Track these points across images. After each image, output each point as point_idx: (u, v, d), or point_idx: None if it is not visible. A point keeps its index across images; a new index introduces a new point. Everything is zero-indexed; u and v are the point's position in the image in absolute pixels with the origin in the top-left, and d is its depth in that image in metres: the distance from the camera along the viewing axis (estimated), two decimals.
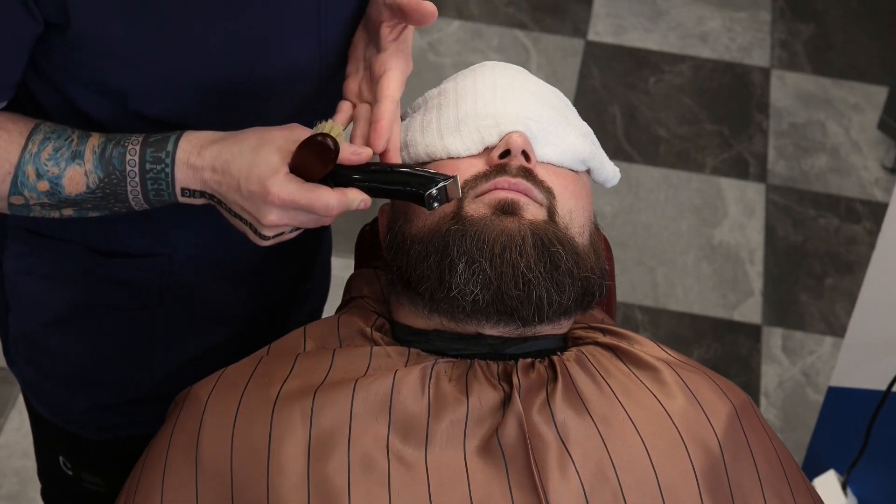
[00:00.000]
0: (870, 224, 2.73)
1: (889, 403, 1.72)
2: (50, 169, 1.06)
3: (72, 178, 1.06)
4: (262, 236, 1.07)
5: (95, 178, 1.06)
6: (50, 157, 1.06)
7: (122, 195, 1.08)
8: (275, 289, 1.37)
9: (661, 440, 1.07)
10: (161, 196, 1.08)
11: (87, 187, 1.07)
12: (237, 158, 1.05)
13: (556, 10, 3.18)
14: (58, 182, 1.06)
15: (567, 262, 1.10)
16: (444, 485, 1.03)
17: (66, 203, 1.08)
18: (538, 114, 1.19)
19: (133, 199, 1.08)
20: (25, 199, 1.07)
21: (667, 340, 2.46)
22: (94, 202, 1.08)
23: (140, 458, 1.14)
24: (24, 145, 1.06)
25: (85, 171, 1.06)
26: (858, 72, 3.09)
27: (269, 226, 1.05)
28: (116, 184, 1.07)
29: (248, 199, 1.05)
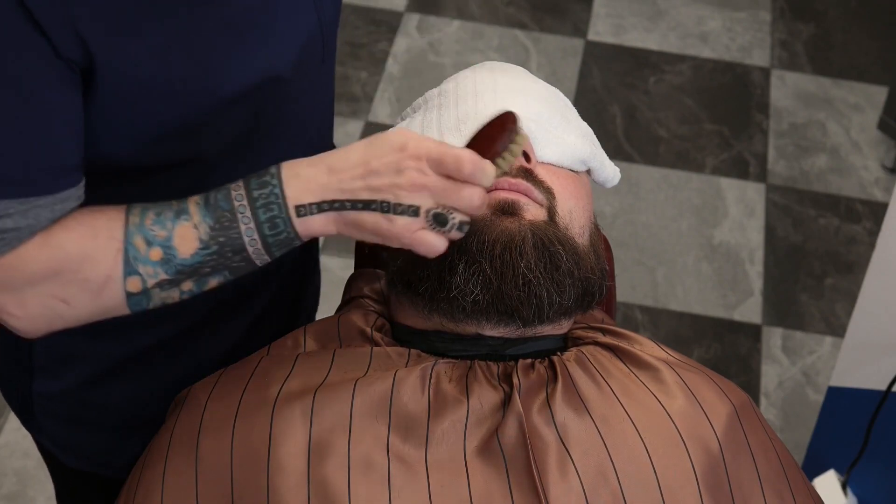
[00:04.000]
0: (870, 224, 2.73)
1: (889, 403, 1.72)
2: (157, 233, 0.99)
3: (182, 235, 0.99)
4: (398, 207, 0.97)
5: (206, 228, 0.99)
6: (154, 221, 1.00)
7: (237, 241, 1.00)
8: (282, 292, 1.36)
9: (661, 440, 1.07)
10: (276, 227, 0.99)
11: (200, 241, 0.99)
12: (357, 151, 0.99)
13: (556, 10, 3.18)
14: (169, 244, 0.99)
15: (567, 263, 1.10)
16: (444, 485, 1.03)
17: (183, 272, 1.01)
18: (538, 114, 1.19)
19: (249, 242, 1.00)
20: (142, 278, 1.00)
21: (667, 340, 2.46)
22: (211, 261, 1.00)
23: (140, 458, 1.14)
24: (125, 220, 1.00)
25: (193, 223, 0.99)
26: (858, 72, 3.09)
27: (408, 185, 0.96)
28: (228, 227, 0.99)
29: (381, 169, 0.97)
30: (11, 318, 1.01)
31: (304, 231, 1.00)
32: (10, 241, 0.97)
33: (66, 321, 1.03)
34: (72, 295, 1.00)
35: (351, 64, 2.99)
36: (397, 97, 2.92)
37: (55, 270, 0.99)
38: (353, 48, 3.03)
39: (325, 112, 1.24)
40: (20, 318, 1.01)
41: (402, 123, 1.24)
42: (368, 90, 2.94)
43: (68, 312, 1.01)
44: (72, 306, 1.01)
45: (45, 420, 1.30)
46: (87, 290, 1.00)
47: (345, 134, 2.83)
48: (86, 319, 1.03)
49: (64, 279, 0.99)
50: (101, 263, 0.99)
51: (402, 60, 3.02)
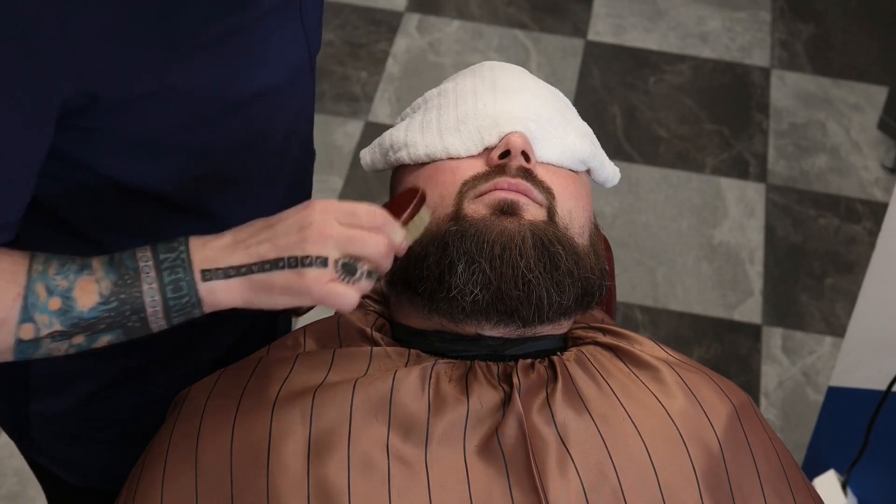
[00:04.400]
0: (870, 224, 2.73)
1: (889, 403, 1.72)
2: (59, 283, 0.97)
3: (83, 288, 0.97)
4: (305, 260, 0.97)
5: (108, 284, 0.98)
6: (57, 271, 0.97)
7: (137, 300, 0.98)
8: None
9: (661, 440, 1.07)
10: (179, 290, 0.98)
11: (101, 296, 0.97)
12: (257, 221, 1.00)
13: (556, 10, 3.18)
14: (69, 295, 0.97)
15: (567, 263, 1.10)
16: (444, 485, 1.03)
17: (78, 326, 0.98)
18: (538, 114, 1.19)
19: (150, 304, 0.98)
20: (36, 326, 0.97)
21: (667, 340, 2.46)
22: (108, 318, 0.98)
23: (140, 457, 1.14)
24: (29, 265, 0.97)
25: (96, 278, 0.98)
26: (858, 72, 3.09)
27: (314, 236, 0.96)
28: (130, 284, 0.98)
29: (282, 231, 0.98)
30: None
31: (208, 297, 0.98)
32: None
33: None
34: None
35: (351, 64, 2.99)
36: (397, 97, 2.92)
37: None
38: (353, 48, 3.03)
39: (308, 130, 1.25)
40: None
41: (403, 123, 1.24)
42: (368, 90, 2.94)
43: None
44: None
45: (44, 439, 1.29)
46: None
47: (345, 134, 2.83)
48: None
49: None
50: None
51: (402, 60, 3.02)
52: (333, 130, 2.84)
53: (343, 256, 0.97)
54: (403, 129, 1.22)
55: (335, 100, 2.91)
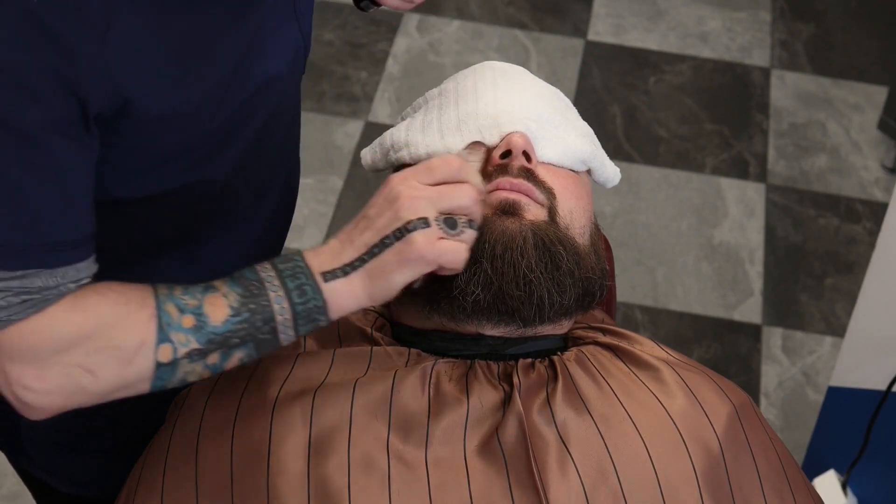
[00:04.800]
0: (870, 224, 2.73)
1: (889, 403, 1.72)
2: (188, 301, 0.98)
3: (212, 303, 0.98)
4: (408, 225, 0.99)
5: (235, 296, 0.99)
6: (183, 292, 0.99)
7: (267, 309, 0.99)
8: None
9: (662, 440, 1.07)
10: (305, 294, 1.00)
11: (231, 308, 0.98)
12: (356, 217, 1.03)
13: (556, 10, 3.18)
14: (200, 312, 0.98)
15: (568, 263, 1.10)
16: (445, 484, 1.03)
17: (213, 342, 0.98)
18: (539, 114, 1.19)
19: (279, 311, 0.99)
20: (174, 346, 0.97)
21: (667, 340, 2.46)
22: (241, 330, 0.99)
23: (140, 458, 1.14)
24: (153, 290, 0.98)
25: (222, 293, 0.99)
26: (858, 72, 3.09)
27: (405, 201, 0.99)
28: (258, 294, 0.99)
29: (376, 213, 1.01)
30: (27, 392, 0.96)
31: (331, 298, 1.00)
32: (37, 302, 0.94)
33: (85, 396, 0.98)
34: (99, 364, 0.96)
35: (351, 64, 2.99)
36: (397, 97, 2.92)
37: (86, 335, 0.95)
38: (353, 48, 3.03)
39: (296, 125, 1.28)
40: (37, 392, 0.96)
41: (403, 123, 1.24)
42: (368, 90, 2.94)
43: (91, 385, 0.97)
44: (97, 377, 0.97)
45: (36, 450, 1.28)
46: (116, 359, 0.96)
47: (344, 134, 2.83)
48: (104, 395, 0.99)
49: (94, 345, 0.95)
50: (133, 329, 0.96)
51: (402, 60, 3.02)
52: (333, 130, 2.84)
53: (440, 214, 1.01)
54: (404, 129, 1.22)
55: (335, 100, 2.91)
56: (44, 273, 0.93)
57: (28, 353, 0.95)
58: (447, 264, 1.01)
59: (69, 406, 0.98)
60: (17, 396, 0.97)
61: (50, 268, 0.93)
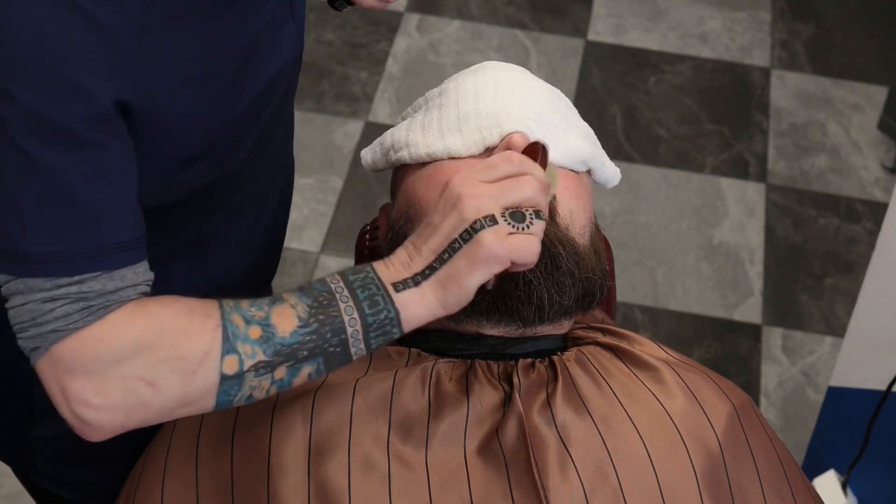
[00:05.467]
0: (870, 224, 2.73)
1: (889, 403, 1.72)
2: (255, 313, 0.95)
3: (280, 314, 0.96)
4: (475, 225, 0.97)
5: (304, 307, 0.96)
6: (250, 304, 0.96)
7: (337, 320, 0.97)
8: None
9: (662, 440, 1.07)
10: (377, 305, 0.97)
11: (300, 319, 0.96)
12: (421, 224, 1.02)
13: (556, 10, 3.18)
14: (268, 323, 0.95)
15: (568, 263, 1.10)
16: (445, 485, 1.03)
17: (280, 353, 0.95)
18: (539, 114, 1.19)
19: (349, 322, 0.97)
20: (240, 357, 0.94)
21: (667, 340, 2.46)
22: (310, 342, 0.96)
23: (140, 458, 1.14)
24: (219, 303, 0.96)
25: (290, 304, 0.96)
26: (858, 72, 3.09)
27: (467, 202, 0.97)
28: (328, 305, 0.96)
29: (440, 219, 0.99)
30: (86, 409, 0.92)
31: (403, 309, 0.98)
32: (97, 309, 0.91)
33: (147, 412, 0.94)
34: (162, 376, 0.93)
35: (351, 64, 2.99)
36: (397, 97, 2.92)
37: (148, 344, 0.92)
38: (353, 48, 3.03)
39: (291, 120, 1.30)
40: (97, 408, 0.92)
41: (403, 123, 1.24)
42: (368, 90, 2.94)
43: (153, 399, 0.93)
44: (159, 390, 0.93)
45: (47, 462, 1.27)
46: (179, 371, 0.93)
47: (344, 134, 2.83)
48: (167, 411, 0.95)
49: (157, 356, 0.92)
50: (198, 339, 0.93)
51: (402, 60, 3.02)
52: (333, 130, 2.84)
53: (505, 209, 0.98)
54: (404, 129, 1.22)
55: (335, 100, 2.91)
56: (102, 276, 0.91)
57: (88, 366, 0.91)
58: (519, 259, 0.98)
59: (130, 424, 0.95)
60: (77, 414, 0.93)
61: (108, 270, 0.91)
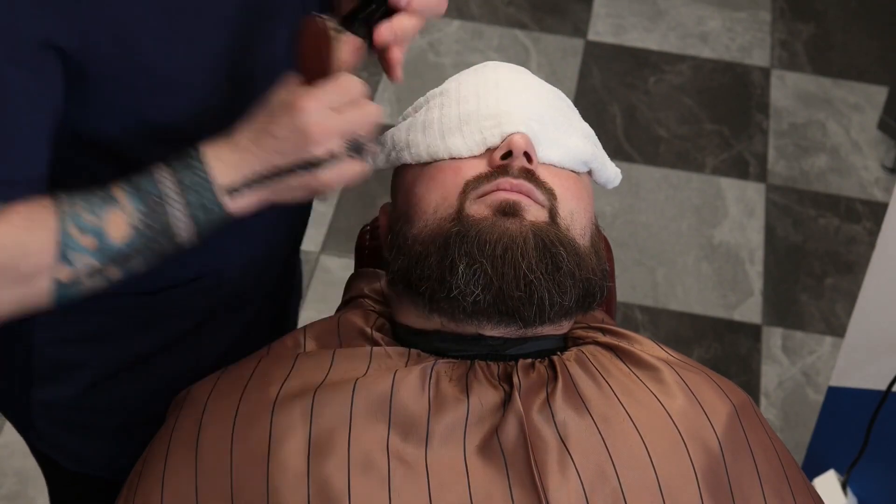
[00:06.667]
0: (870, 224, 2.73)
1: (889, 403, 1.72)
2: (91, 221, 0.98)
3: (113, 221, 0.98)
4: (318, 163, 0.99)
5: (137, 214, 0.98)
6: (84, 208, 0.98)
7: (166, 225, 1.00)
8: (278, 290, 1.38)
9: (662, 440, 1.07)
10: (206, 209, 1.00)
11: (131, 226, 0.98)
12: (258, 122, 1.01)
13: (556, 10, 3.18)
14: (102, 231, 0.98)
15: (568, 264, 1.10)
16: (444, 484, 1.03)
17: (116, 259, 0.99)
18: (540, 115, 1.19)
19: (181, 225, 1.00)
20: (75, 267, 0.98)
21: (667, 340, 2.46)
22: (141, 247, 1.00)
23: (140, 458, 1.14)
24: (56, 211, 0.97)
25: (123, 209, 0.98)
26: (858, 72, 3.09)
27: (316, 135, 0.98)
28: (159, 211, 0.99)
29: (285, 133, 0.99)
30: None
31: (235, 209, 1.02)
32: None
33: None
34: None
35: None
36: (397, 97, 2.92)
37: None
38: None
39: None
40: None
41: (404, 123, 1.24)
42: (368, 90, 2.94)
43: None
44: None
45: (46, 427, 1.29)
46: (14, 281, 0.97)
47: None
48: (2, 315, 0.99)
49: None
50: (36, 255, 0.97)
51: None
52: None
53: (347, 141, 1.01)
54: (405, 129, 1.22)
55: None
56: None
57: None
58: (349, 185, 1.03)
59: None
60: None
61: None
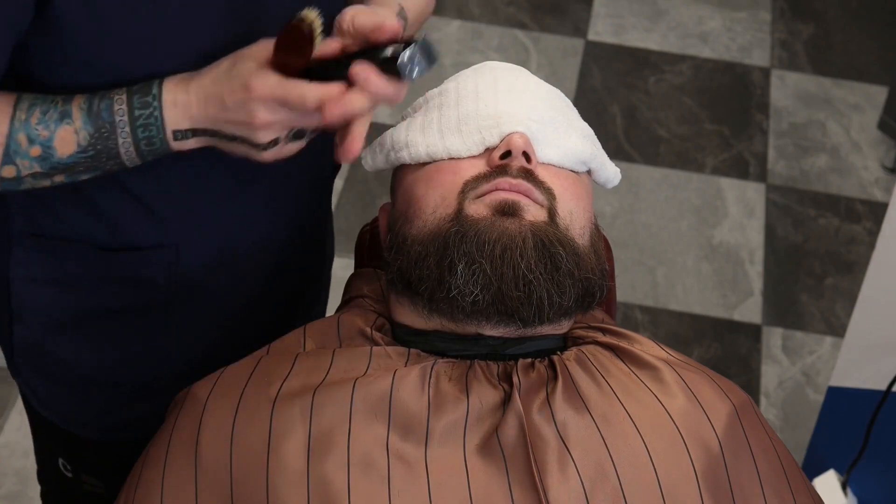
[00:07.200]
0: (870, 224, 2.73)
1: (889, 403, 1.72)
2: (40, 132, 1.05)
3: (63, 138, 1.05)
4: (259, 145, 1.06)
5: (86, 135, 1.05)
6: (39, 121, 1.05)
7: (113, 150, 1.07)
8: (282, 283, 1.37)
9: (662, 439, 1.07)
10: (153, 144, 1.07)
11: (78, 145, 1.06)
12: (218, 81, 1.05)
13: (556, 10, 3.18)
14: (49, 145, 1.05)
15: (568, 264, 1.10)
16: (444, 484, 1.03)
17: (57, 168, 1.07)
18: (539, 114, 1.19)
19: (125, 153, 1.07)
20: (17, 168, 1.06)
21: (667, 340, 2.46)
22: (85, 163, 1.07)
23: (140, 458, 1.14)
24: (11, 115, 1.05)
25: (75, 128, 1.05)
26: (858, 72, 3.09)
27: (260, 126, 1.04)
28: (107, 137, 1.06)
29: (234, 109, 1.04)
30: None
31: (177, 148, 1.08)
32: None
33: None
34: None
35: None
36: None
37: None
38: None
39: None
40: None
41: (403, 123, 1.24)
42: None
43: None
44: None
45: (22, 365, 1.34)
46: None
47: None
48: None
49: None
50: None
51: None
52: None
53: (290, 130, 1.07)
54: (404, 129, 1.22)
55: None
56: None
57: None
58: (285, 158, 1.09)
59: None
60: None
61: None
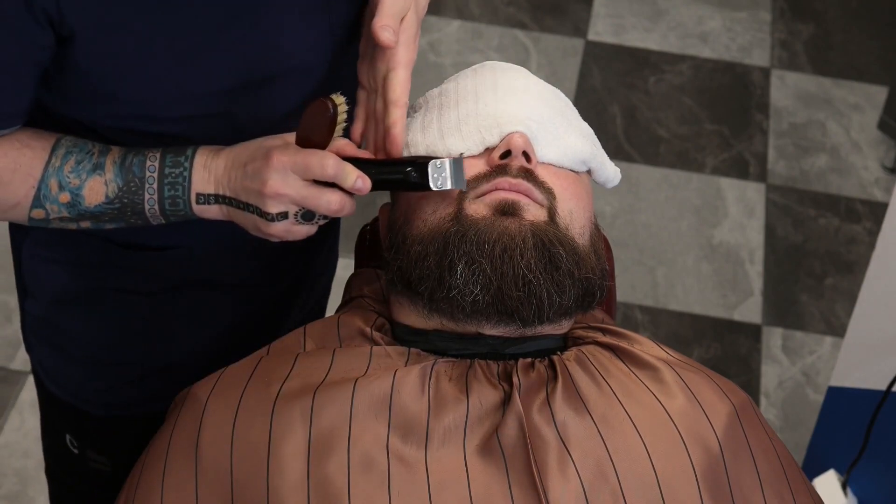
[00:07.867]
0: (870, 224, 2.73)
1: (889, 403, 1.72)
2: (72, 181, 1.09)
3: (92, 188, 1.10)
4: (267, 215, 1.07)
5: (115, 188, 1.10)
6: (72, 169, 1.09)
7: (138, 205, 1.11)
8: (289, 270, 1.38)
9: (661, 440, 1.07)
10: (176, 204, 1.11)
11: (106, 197, 1.10)
12: (247, 149, 1.09)
13: (556, 10, 3.18)
14: (78, 193, 1.10)
15: (567, 263, 1.10)
16: (444, 484, 1.03)
17: (84, 216, 1.11)
18: (539, 114, 1.19)
19: (149, 209, 1.11)
20: (46, 212, 1.11)
21: (667, 340, 2.46)
22: (111, 214, 1.11)
23: (140, 457, 1.14)
24: (47, 160, 1.09)
25: (105, 180, 1.10)
26: (858, 72, 3.09)
27: (270, 194, 1.06)
28: (134, 192, 1.10)
29: (251, 175, 1.07)
30: None
31: (199, 213, 1.12)
32: None
33: None
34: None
35: None
36: None
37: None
38: None
39: None
40: None
41: None
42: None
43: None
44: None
45: (33, 340, 1.38)
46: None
47: None
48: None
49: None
50: (13, 193, 1.09)
51: None
52: None
53: (301, 209, 1.08)
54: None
55: None
56: None
57: None
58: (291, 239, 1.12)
59: None
60: None
61: None
